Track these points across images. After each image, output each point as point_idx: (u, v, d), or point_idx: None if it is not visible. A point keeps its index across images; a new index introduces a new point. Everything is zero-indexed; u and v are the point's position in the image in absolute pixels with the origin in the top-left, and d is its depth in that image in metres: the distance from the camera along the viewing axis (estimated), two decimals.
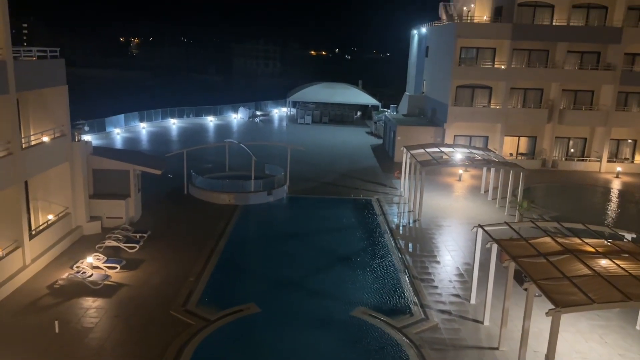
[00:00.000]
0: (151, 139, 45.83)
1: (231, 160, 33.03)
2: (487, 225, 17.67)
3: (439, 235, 24.60)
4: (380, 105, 62.42)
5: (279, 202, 29.23)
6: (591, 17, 38.39)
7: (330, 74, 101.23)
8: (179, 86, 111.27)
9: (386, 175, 35.66)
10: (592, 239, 16.05)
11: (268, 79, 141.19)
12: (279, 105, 66.66)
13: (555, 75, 38.15)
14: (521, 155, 40.12)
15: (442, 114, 40.25)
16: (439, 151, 30.00)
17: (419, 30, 55.36)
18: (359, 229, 25.48)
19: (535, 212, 27.72)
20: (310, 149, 41.52)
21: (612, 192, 34.34)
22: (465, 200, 30.54)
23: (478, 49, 39.22)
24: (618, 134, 39.38)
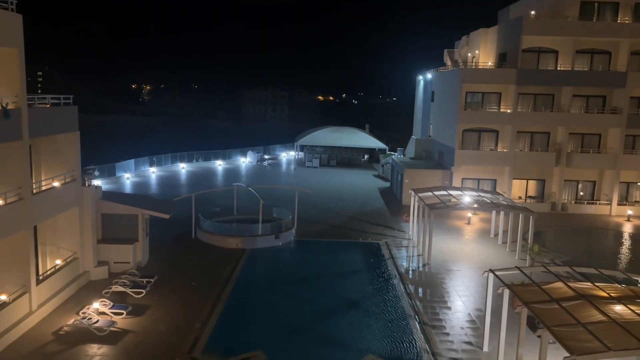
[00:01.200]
0: (160, 183, 46.22)
1: (239, 203, 33.12)
2: (498, 269, 17.40)
3: (449, 279, 24.20)
4: (387, 149, 62.86)
5: (286, 245, 29.07)
6: (595, 61, 38.97)
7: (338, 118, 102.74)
8: (188, 131, 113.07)
9: (394, 218, 35.49)
10: (605, 284, 15.72)
11: (276, 124, 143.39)
12: (287, 149, 67.35)
13: (562, 119, 38.40)
14: (530, 198, 39.90)
15: (449, 157, 40.39)
16: (447, 194, 29.93)
17: (424, 76, 56.36)
18: (367, 273, 25.15)
19: (547, 257, 27.30)
20: (318, 192, 41.59)
21: (624, 235, 33.86)
22: (475, 243, 30.20)
23: (483, 93, 39.76)
24: (627, 177, 39.17)
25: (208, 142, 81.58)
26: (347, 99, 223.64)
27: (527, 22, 37.83)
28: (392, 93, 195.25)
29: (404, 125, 76.34)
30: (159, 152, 54.38)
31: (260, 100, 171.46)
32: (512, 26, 40.22)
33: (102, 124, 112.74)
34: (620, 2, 37.84)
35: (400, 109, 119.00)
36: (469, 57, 46.54)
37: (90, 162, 32.37)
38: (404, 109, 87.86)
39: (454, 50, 52.34)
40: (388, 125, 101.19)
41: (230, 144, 67.71)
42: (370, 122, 75.39)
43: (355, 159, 61.18)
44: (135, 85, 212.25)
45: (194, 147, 62.27)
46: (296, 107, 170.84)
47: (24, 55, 18.04)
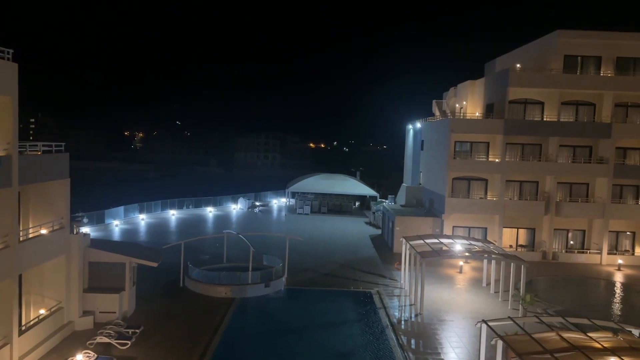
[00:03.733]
0: (149, 230, 45.80)
1: (229, 251, 32.79)
2: (491, 320, 17.20)
3: (442, 330, 23.81)
4: (378, 196, 63.13)
5: (276, 294, 28.61)
6: (580, 113, 40.01)
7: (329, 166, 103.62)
8: (180, 178, 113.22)
9: (386, 267, 35.22)
10: (598, 335, 15.55)
11: (268, 170, 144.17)
12: (278, 195, 67.41)
13: (549, 168, 38.99)
14: (521, 247, 39.92)
15: (440, 205, 40.60)
16: (439, 242, 29.88)
17: (413, 125, 57.41)
18: (359, 323, 24.71)
19: (539, 307, 27.04)
20: (309, 239, 41.36)
21: (615, 285, 33.75)
22: (467, 293, 29.92)
23: (472, 142, 40.45)
24: (616, 226, 39.45)
25: (199, 188, 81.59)
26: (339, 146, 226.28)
27: (513, 75, 39.03)
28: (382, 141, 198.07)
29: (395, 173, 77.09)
30: (149, 199, 54.19)
31: (252, 146, 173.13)
32: (499, 78, 41.45)
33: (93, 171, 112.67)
34: (602, 56, 39.28)
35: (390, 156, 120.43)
36: (457, 108, 47.65)
37: (80, 209, 32.10)
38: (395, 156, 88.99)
39: (442, 100, 53.66)
40: (379, 172, 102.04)
41: (222, 191, 67.73)
42: (361, 170, 76.05)
43: (347, 206, 61.29)
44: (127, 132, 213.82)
45: (184, 193, 62.21)
46: (288, 153, 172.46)
47: (18, 103, 18.22)
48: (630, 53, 39.11)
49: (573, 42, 39.24)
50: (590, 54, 39.33)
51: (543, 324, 17.37)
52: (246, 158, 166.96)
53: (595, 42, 39.17)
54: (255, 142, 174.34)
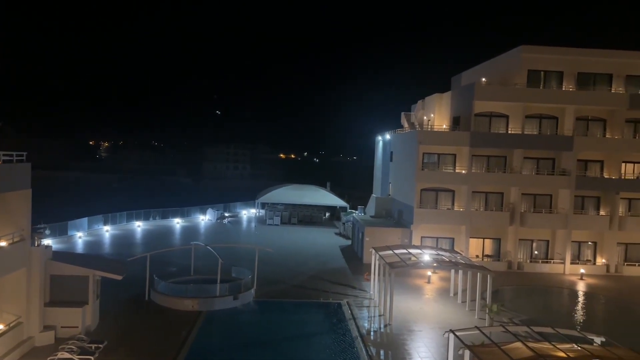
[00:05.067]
0: (114, 242, 44.71)
1: (197, 263, 32.27)
2: (459, 330, 17.39)
3: (411, 340, 23.93)
4: (348, 207, 63.38)
5: (245, 306, 28.25)
6: (544, 126, 41.19)
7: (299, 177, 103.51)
8: (147, 188, 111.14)
9: (355, 277, 35.27)
10: (562, 344, 15.90)
11: (238, 181, 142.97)
12: (247, 206, 66.88)
13: (514, 180, 39.93)
14: (487, 257, 40.63)
15: (409, 216, 41.02)
16: (407, 253, 30.13)
17: (383, 137, 58.04)
18: (329, 335, 24.61)
19: (505, 316, 27.52)
20: (278, 250, 41.12)
21: (578, 294, 34.65)
22: (435, 303, 30.21)
23: (439, 154, 41.10)
24: (579, 237, 40.58)
25: (166, 199, 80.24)
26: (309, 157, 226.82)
27: (478, 89, 39.96)
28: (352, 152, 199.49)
29: (365, 184, 77.54)
30: (114, 210, 52.94)
31: (221, 157, 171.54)
32: (465, 92, 42.37)
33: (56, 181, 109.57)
34: (564, 71, 40.64)
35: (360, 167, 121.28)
36: (425, 120, 48.42)
37: (42, 221, 31.11)
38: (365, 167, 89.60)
39: (411, 113, 54.46)
40: (349, 183, 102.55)
41: (190, 202, 66.79)
42: (331, 180, 76.25)
43: (317, 216, 61.26)
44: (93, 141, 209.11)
45: (151, 204, 61.03)
46: (258, 165, 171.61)
47: None
48: (590, 69, 40.58)
49: (536, 58, 40.49)
50: (552, 69, 40.65)
51: (509, 333, 17.66)
52: (215, 168, 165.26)
53: (557, 58, 40.52)
54: (225, 152, 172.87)
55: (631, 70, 40.55)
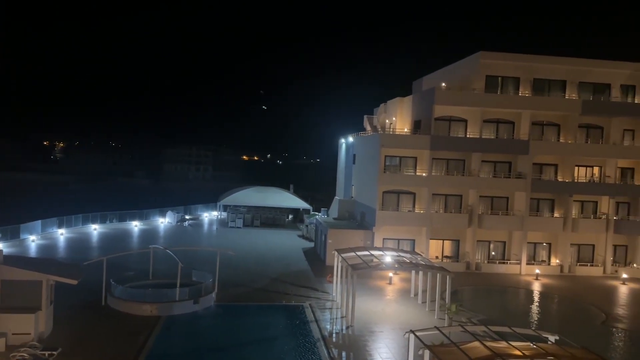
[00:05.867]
0: (69, 246, 43.26)
1: (156, 267, 31.57)
2: (419, 330, 17.62)
3: (373, 342, 24.11)
4: (311, 209, 63.36)
5: (206, 311, 27.80)
6: (500, 130, 42.37)
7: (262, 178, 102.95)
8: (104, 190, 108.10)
9: (318, 279, 35.29)
10: (518, 342, 16.34)
11: (199, 183, 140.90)
12: (209, 209, 65.98)
13: (472, 183, 40.88)
14: (446, 258, 41.42)
15: (371, 218, 41.38)
16: (369, 254, 30.35)
17: (346, 139, 58.37)
18: (291, 337, 24.50)
19: (464, 316, 28.10)
20: (241, 253, 40.73)
21: (533, 293, 35.73)
22: (396, 304, 30.55)
23: (401, 157, 41.67)
24: (534, 238, 41.88)
25: (124, 201, 78.24)
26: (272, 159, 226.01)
27: (438, 93, 40.75)
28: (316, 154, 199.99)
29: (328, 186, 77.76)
30: (69, 213, 51.23)
31: (183, 158, 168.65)
32: (425, 96, 43.13)
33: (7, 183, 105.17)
34: (520, 77, 41.93)
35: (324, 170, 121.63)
36: (387, 124, 49.01)
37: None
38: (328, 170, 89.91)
39: (373, 116, 55.01)
40: (312, 185, 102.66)
41: (149, 204, 65.33)
42: (294, 183, 76.16)
43: (280, 219, 61.03)
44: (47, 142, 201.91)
45: (108, 207, 59.39)
46: (220, 166, 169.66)
47: None
48: (545, 75, 42.03)
49: (494, 64, 41.64)
50: (509, 75, 41.89)
51: (467, 332, 18.03)
52: (176, 170, 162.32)
53: (514, 64, 41.77)
54: (186, 153, 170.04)
55: (584, 77, 42.22)
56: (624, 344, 26.53)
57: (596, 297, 34.43)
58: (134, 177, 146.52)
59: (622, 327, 28.55)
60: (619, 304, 33.65)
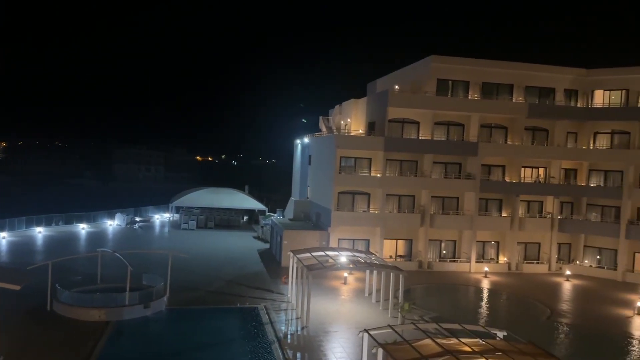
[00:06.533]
0: (12, 250, 41.22)
1: (104, 271, 30.51)
2: (372, 329, 17.81)
3: (327, 342, 24.19)
4: (266, 210, 63.03)
5: (157, 315, 27.11)
6: (451, 132, 43.46)
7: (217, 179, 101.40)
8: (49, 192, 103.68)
9: (274, 281, 35.10)
10: (468, 339, 16.78)
11: (151, 184, 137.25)
12: (161, 210, 64.44)
13: (424, 183, 41.75)
14: (400, 257, 42.11)
15: (326, 219, 41.54)
16: (325, 255, 30.45)
17: (302, 140, 58.40)
18: (245, 340, 24.25)
19: (416, 314, 28.65)
20: (194, 255, 40.01)
21: (482, 291, 36.84)
22: (351, 303, 30.79)
23: (356, 158, 42.05)
24: (483, 237, 43.20)
25: (71, 203, 75.25)
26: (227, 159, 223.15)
27: (391, 96, 41.38)
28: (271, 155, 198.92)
29: (284, 187, 77.56)
30: (11, 215, 48.81)
31: (133, 158, 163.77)
32: (379, 98, 43.71)
33: None
34: (470, 81, 43.15)
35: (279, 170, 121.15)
36: (342, 125, 49.36)
37: None
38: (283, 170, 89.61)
39: (329, 117, 55.29)
40: (268, 186, 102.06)
41: (97, 206, 63.13)
42: (249, 183, 75.53)
43: (234, 220, 60.35)
44: None
45: (54, 209, 57.00)
46: (173, 167, 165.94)
47: None
48: (493, 79, 43.44)
49: (445, 67, 42.69)
50: (459, 78, 43.04)
51: (420, 330, 18.37)
52: (126, 171, 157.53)
53: (463, 68, 42.97)
54: (137, 153, 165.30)
55: (530, 81, 43.90)
56: (567, 338, 27.76)
57: (542, 294, 35.85)
58: (82, 178, 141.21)
59: (566, 321, 29.86)
60: (563, 299, 35.17)
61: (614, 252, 42.22)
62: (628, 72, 42.88)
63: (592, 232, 43.36)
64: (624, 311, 32.19)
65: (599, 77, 43.98)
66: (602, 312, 32.02)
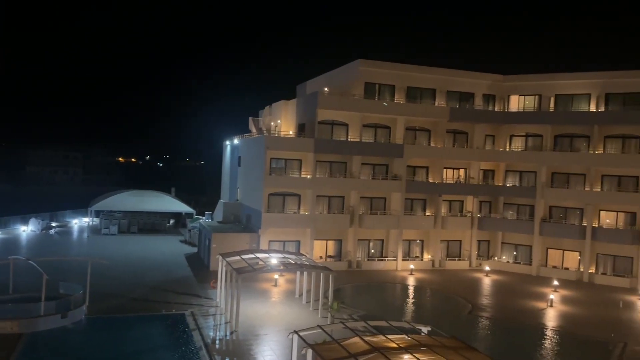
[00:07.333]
0: None
1: (17, 280, 28.42)
2: (302, 330, 17.83)
3: (257, 345, 23.93)
4: (194, 213, 61.44)
5: (76, 325, 25.62)
6: (379, 134, 44.55)
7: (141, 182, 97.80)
8: None
9: (202, 286, 34.25)
10: (394, 335, 17.22)
11: (68, 187, 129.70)
12: (79, 215, 61.05)
13: (353, 184, 42.49)
14: (330, 257, 42.55)
15: (257, 221, 41.16)
16: (255, 257, 30.15)
17: (231, 141, 57.55)
18: (172, 348, 23.46)
19: (346, 312, 29.05)
20: (116, 261, 38.27)
21: (408, 288, 38.02)
22: (281, 305, 30.68)
23: (286, 160, 42.02)
24: (409, 236, 44.62)
25: None
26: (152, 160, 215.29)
27: (321, 98, 41.78)
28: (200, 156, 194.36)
29: (212, 189, 76.03)
30: None
31: (48, 160, 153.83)
32: (309, 100, 43.98)
33: None
34: (395, 85, 44.44)
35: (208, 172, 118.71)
36: (272, 126, 49.18)
37: None
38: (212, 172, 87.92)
39: (258, 118, 54.90)
40: (196, 188, 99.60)
41: (8, 210, 58.73)
42: (176, 186, 73.27)
43: (160, 224, 58.31)
44: None
45: None
46: (93, 169, 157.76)
47: None
48: (417, 83, 45.01)
49: (372, 71, 43.69)
50: (386, 82, 44.23)
51: (348, 329, 18.62)
52: (41, 173, 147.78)
53: (390, 72, 44.19)
54: (52, 155, 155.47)
55: (451, 86, 45.91)
56: (487, 330, 29.25)
57: (463, 289, 37.54)
58: None
59: (486, 315, 31.46)
60: (483, 294, 37.03)
61: (529, 248, 45.04)
62: (540, 78, 45.98)
63: (508, 229, 46.01)
64: (538, 304, 34.40)
65: (514, 82, 46.82)
66: (518, 305, 34.02)
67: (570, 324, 30.21)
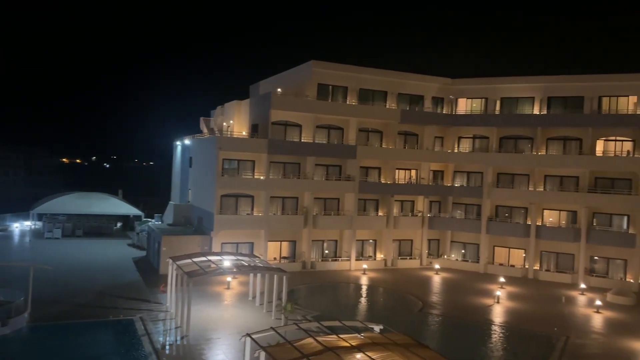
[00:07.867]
0: None
1: None
2: (255, 332, 17.66)
3: (209, 349, 23.51)
4: (143, 215, 59.71)
5: (17, 333, 24.37)
6: (332, 136, 44.80)
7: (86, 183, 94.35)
8: None
9: (151, 290, 33.33)
10: (347, 335, 17.33)
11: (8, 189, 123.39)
12: (20, 218, 58.13)
13: (307, 185, 42.53)
14: (284, 259, 42.40)
15: (209, 223, 40.48)
16: (207, 260, 29.62)
17: (182, 141, 56.36)
18: (119, 355, 22.71)
19: (299, 314, 29.00)
20: (60, 266, 36.73)
21: (361, 287, 38.40)
22: (234, 308, 30.29)
23: (239, 160, 41.55)
24: (362, 236, 45.08)
25: None
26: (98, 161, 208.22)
27: (274, 98, 41.60)
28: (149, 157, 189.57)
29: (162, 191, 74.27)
30: None
31: None
32: (262, 101, 43.70)
33: None
34: (348, 87, 44.83)
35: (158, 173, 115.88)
36: (224, 126, 48.53)
37: None
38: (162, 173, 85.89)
39: (210, 118, 54.04)
40: (145, 190, 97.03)
41: None
42: (124, 187, 71.00)
43: (106, 227, 56.33)
44: None
45: None
46: (34, 170, 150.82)
47: None
48: (369, 86, 45.58)
49: (325, 73, 43.91)
50: (338, 84, 44.56)
51: (302, 330, 18.59)
52: None
53: (342, 74, 44.55)
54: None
55: (402, 88, 46.76)
56: (437, 327, 29.94)
57: (414, 287, 38.28)
58: None
59: (436, 312, 32.20)
60: (433, 292, 37.88)
61: (476, 247, 46.45)
62: (487, 82, 47.53)
63: (457, 228, 47.31)
64: (486, 300, 35.52)
65: (462, 86, 48.20)
66: (467, 302, 35.01)
67: (516, 319, 31.36)
